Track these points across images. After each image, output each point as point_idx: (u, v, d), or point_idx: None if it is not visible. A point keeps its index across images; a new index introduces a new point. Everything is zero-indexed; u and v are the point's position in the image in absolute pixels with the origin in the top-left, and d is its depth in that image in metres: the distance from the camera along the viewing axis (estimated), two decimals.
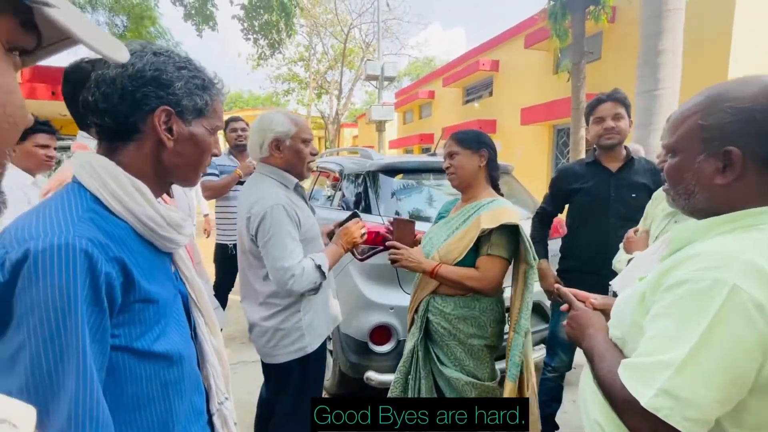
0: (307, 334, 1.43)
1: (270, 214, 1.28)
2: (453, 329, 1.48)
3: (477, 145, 1.49)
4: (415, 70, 25.77)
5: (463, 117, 12.79)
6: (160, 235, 0.67)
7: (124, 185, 0.63)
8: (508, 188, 3.01)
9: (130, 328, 0.60)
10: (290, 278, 1.27)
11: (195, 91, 0.68)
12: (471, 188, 1.52)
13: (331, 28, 19.95)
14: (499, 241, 1.40)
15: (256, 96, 31.93)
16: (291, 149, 1.39)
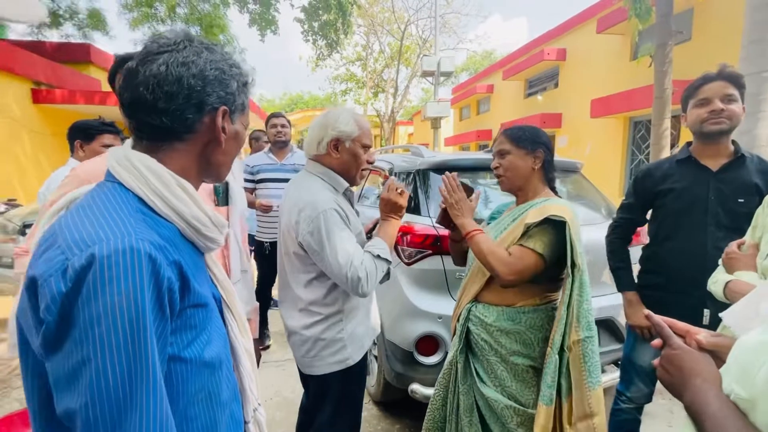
0: (349, 345, 1.34)
1: (325, 219, 1.21)
2: (494, 343, 1.32)
3: (532, 144, 1.32)
4: (473, 65, 24.99)
5: (524, 111, 12.08)
6: (205, 236, 0.65)
7: (169, 184, 0.60)
8: (576, 188, 2.70)
9: (182, 334, 0.57)
10: (359, 281, 1.20)
11: (243, 89, 0.69)
12: (523, 191, 1.37)
13: (388, 26, 20.01)
14: (537, 234, 1.23)
15: (316, 97, 32.98)
16: (349, 152, 1.32)
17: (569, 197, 2.67)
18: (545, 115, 10.59)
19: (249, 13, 9.65)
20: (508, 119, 12.30)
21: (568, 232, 1.20)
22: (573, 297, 1.22)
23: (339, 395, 1.40)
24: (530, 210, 1.28)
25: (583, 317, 1.25)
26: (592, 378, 1.27)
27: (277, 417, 2.25)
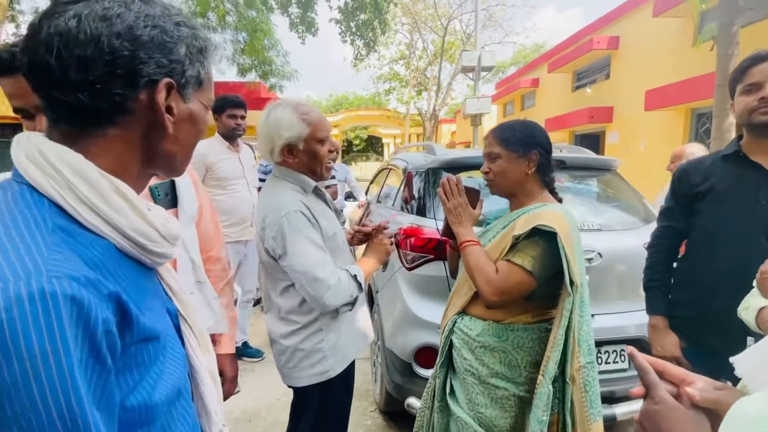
0: (329, 356, 1.27)
1: (288, 221, 1.14)
2: (475, 361, 1.19)
3: (525, 146, 1.18)
4: (522, 59, 24.00)
5: (571, 105, 11.34)
6: (152, 252, 0.51)
7: (100, 188, 0.45)
8: (609, 189, 2.43)
9: (126, 376, 0.45)
10: (326, 290, 1.13)
11: (197, 56, 0.53)
12: (516, 197, 1.24)
13: (432, 23, 19.76)
14: (526, 248, 1.10)
15: (360, 97, 33.35)
16: (305, 153, 1.23)
17: (601, 199, 2.41)
18: (594, 109, 9.85)
19: (289, 17, 9.90)
20: (553, 114, 11.64)
21: (561, 245, 1.05)
22: (573, 318, 1.08)
23: (320, 408, 1.33)
24: (520, 218, 1.15)
25: (584, 341, 1.11)
26: (593, 409, 1.11)
27: (282, 419, 2.23)
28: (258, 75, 10.45)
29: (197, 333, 0.69)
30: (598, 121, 9.85)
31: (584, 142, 10.59)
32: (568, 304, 1.07)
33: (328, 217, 1.27)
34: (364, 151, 35.37)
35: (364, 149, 34.93)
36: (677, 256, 1.48)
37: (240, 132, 2.55)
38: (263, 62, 10.28)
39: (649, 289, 1.49)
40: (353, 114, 25.36)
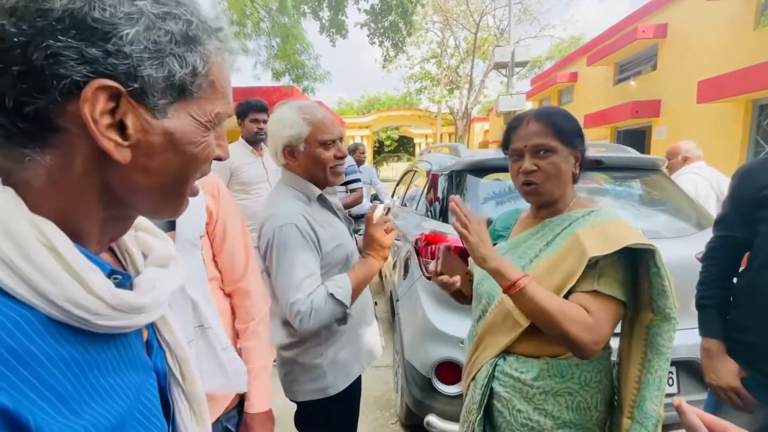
0: (329, 372, 1.19)
1: (278, 236, 1.08)
2: (534, 412, 0.93)
3: (575, 137, 0.96)
4: (560, 53, 23.05)
5: (613, 99, 10.69)
6: (100, 326, 0.37)
7: (22, 240, 0.33)
8: (656, 192, 2.21)
9: None
10: (296, 316, 1.05)
11: (169, 47, 0.35)
12: (555, 203, 1.01)
13: (464, 20, 19.39)
14: (612, 273, 0.88)
15: (392, 97, 33.34)
16: (306, 155, 1.15)
17: (644, 203, 2.20)
18: (638, 103, 9.21)
19: (320, 21, 10.02)
20: (593, 110, 11.03)
21: (660, 264, 0.86)
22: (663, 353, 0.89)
23: (322, 425, 1.27)
24: (577, 232, 0.91)
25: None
26: None
27: None
28: (291, 79, 10.67)
29: (190, 398, 0.55)
30: (644, 116, 9.21)
31: (628, 139, 9.95)
32: (671, 332, 0.88)
33: (333, 227, 1.19)
34: (395, 152, 35.30)
35: (396, 149, 34.88)
36: (737, 270, 1.29)
37: (262, 136, 2.55)
38: (296, 66, 10.48)
39: (702, 307, 1.30)
40: (384, 114, 25.38)
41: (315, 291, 1.07)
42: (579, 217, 0.95)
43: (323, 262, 1.14)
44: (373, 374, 2.76)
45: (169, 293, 0.45)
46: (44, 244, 0.33)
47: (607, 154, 2.16)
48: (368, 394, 2.53)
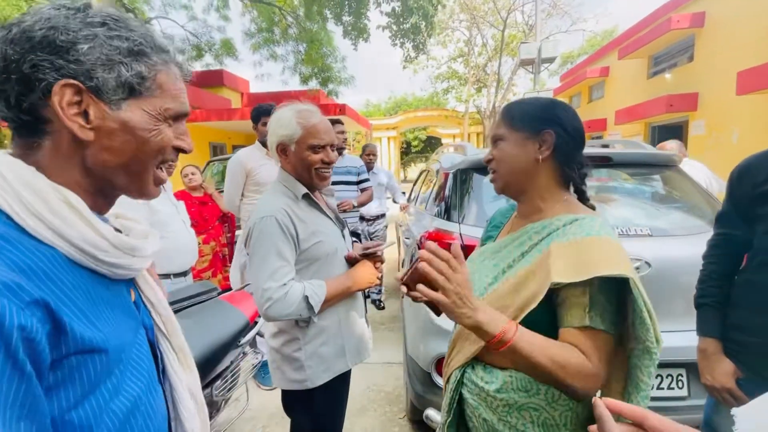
0: (307, 366, 1.24)
1: (258, 226, 1.15)
2: (499, 423, 0.88)
3: (535, 123, 0.89)
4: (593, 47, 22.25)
5: (646, 94, 10.22)
6: (105, 262, 0.52)
7: (46, 197, 0.47)
8: (670, 189, 2.14)
9: (65, 391, 0.44)
10: (266, 301, 1.11)
11: (117, 57, 0.50)
12: (526, 195, 0.93)
13: (491, 17, 19.10)
14: (601, 301, 0.78)
15: (419, 98, 33.26)
16: (295, 155, 1.23)
17: (656, 200, 2.14)
18: (674, 96, 8.76)
19: (342, 25, 10.19)
20: (625, 105, 10.59)
21: (638, 294, 0.75)
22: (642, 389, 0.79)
23: (302, 416, 1.33)
24: (552, 246, 0.82)
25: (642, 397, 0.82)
26: None
27: None
28: (318, 82, 10.90)
29: (177, 348, 0.68)
30: (679, 110, 8.75)
31: (662, 134, 9.47)
32: (651, 367, 0.78)
33: (316, 224, 1.24)
34: (422, 152, 35.18)
35: (423, 150, 34.73)
36: (737, 269, 1.25)
37: None
38: (322, 70, 10.70)
39: (700, 306, 1.28)
40: (411, 115, 25.35)
41: (292, 285, 1.13)
42: (560, 227, 0.85)
43: (302, 257, 1.20)
44: (385, 370, 2.82)
45: (151, 252, 0.60)
46: (62, 200, 0.49)
47: (616, 150, 2.12)
48: (378, 389, 2.59)
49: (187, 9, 11.19)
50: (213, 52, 11.52)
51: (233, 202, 2.66)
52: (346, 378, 1.36)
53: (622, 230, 1.78)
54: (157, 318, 0.66)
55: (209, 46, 11.46)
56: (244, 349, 1.82)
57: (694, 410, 1.61)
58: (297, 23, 10.73)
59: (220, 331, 1.61)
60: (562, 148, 0.89)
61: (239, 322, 1.72)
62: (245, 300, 1.90)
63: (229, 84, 13.37)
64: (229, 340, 1.63)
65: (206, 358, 1.48)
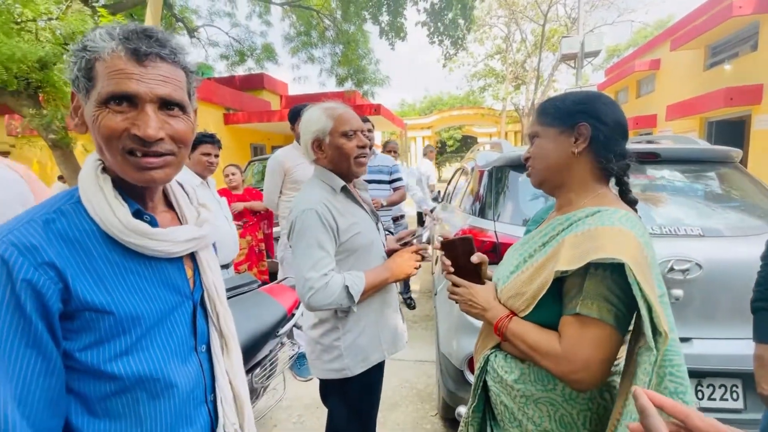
0: (345, 355, 1.28)
1: (299, 219, 1.21)
2: (518, 412, 0.90)
3: (568, 118, 0.88)
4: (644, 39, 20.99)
5: (703, 86, 9.51)
6: (127, 242, 0.62)
7: (90, 181, 0.62)
8: (727, 187, 2.00)
9: (80, 335, 0.58)
10: (308, 291, 1.16)
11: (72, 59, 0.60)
12: (562, 189, 0.92)
13: (532, 12, 18.52)
14: (599, 290, 0.77)
15: (455, 96, 32.84)
16: (331, 146, 1.27)
17: (710, 199, 2.00)
18: (734, 89, 8.09)
19: (379, 25, 10.26)
20: (678, 99, 9.91)
21: (634, 280, 0.71)
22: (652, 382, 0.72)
23: (338, 404, 1.37)
24: (567, 238, 0.82)
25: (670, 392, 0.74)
26: None
27: None
28: (353, 83, 11.06)
29: (222, 333, 0.76)
30: (741, 104, 8.08)
31: (721, 130, 8.80)
32: (650, 364, 0.71)
33: (354, 216, 1.28)
34: (458, 152, 34.71)
35: (458, 149, 34.26)
36: None
37: None
38: (357, 71, 10.83)
39: (757, 311, 1.20)
40: (446, 114, 25.11)
41: (333, 276, 1.18)
42: (582, 218, 0.84)
43: (341, 248, 1.25)
44: (416, 368, 2.83)
45: (185, 237, 0.69)
46: (99, 183, 0.62)
47: (665, 146, 2.01)
48: (411, 386, 2.60)
49: (231, 16, 11.71)
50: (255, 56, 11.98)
51: (272, 200, 2.77)
52: (382, 368, 1.40)
53: (670, 230, 1.69)
54: (207, 301, 0.74)
55: (251, 50, 11.94)
56: (281, 339, 1.90)
57: (750, 425, 1.50)
58: (334, 25, 10.93)
59: (261, 321, 1.69)
60: (599, 140, 0.87)
61: (278, 313, 1.80)
62: (284, 292, 1.98)
63: (269, 87, 13.86)
64: (269, 330, 1.71)
65: (247, 346, 1.56)
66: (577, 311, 0.77)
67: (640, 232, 0.78)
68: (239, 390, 0.78)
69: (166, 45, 0.61)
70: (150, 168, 0.61)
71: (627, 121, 0.91)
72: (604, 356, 0.76)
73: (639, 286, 0.71)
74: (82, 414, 0.60)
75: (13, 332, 0.52)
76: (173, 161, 0.64)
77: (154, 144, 0.60)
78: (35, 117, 6.39)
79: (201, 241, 0.73)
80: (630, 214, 0.81)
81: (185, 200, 0.77)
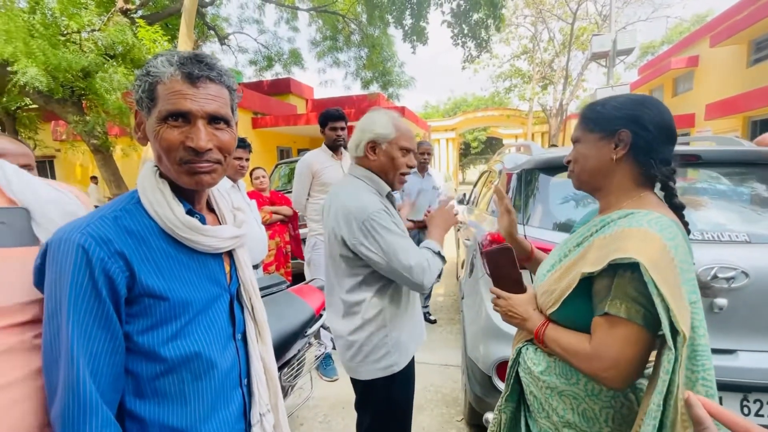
0: (394, 351, 1.33)
1: (378, 222, 1.23)
2: (545, 402, 0.95)
3: (610, 124, 0.88)
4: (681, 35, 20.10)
5: (746, 84, 9.00)
6: (181, 236, 0.70)
7: (150, 184, 0.71)
8: None
9: (138, 320, 0.66)
10: (422, 273, 1.23)
11: (136, 84, 0.70)
12: (603, 193, 0.94)
13: (560, 10, 18.09)
14: (626, 291, 0.78)
15: (480, 98, 32.46)
16: (386, 154, 1.33)
17: (756, 203, 1.89)
18: None
19: (403, 29, 10.29)
20: (718, 97, 9.43)
21: (649, 278, 0.73)
22: (675, 382, 0.73)
23: (382, 402, 1.39)
24: (596, 239, 0.85)
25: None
26: None
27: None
28: (378, 86, 11.13)
29: (257, 320, 0.85)
30: None
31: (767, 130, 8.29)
32: (668, 362, 0.73)
33: (397, 221, 1.33)
34: (482, 154, 34.24)
35: (482, 151, 33.80)
36: None
37: (341, 142, 2.77)
38: (382, 74, 10.90)
39: None
40: (470, 116, 24.82)
41: (422, 254, 1.27)
42: (614, 219, 0.86)
43: None
44: (442, 372, 2.80)
45: (229, 235, 0.78)
46: (158, 186, 0.71)
47: (706, 147, 1.92)
48: (436, 390, 2.58)
49: (259, 23, 12.03)
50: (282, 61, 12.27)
51: (300, 202, 2.82)
52: (413, 360, 1.45)
53: (713, 236, 1.61)
54: (243, 293, 0.83)
55: (279, 56, 12.23)
56: (309, 339, 1.93)
57: None
58: (360, 29, 11.04)
59: (290, 320, 1.72)
60: (640, 147, 0.87)
61: (306, 313, 1.83)
62: (311, 293, 2.01)
63: (295, 91, 14.15)
64: (298, 329, 1.74)
65: (277, 345, 1.60)
66: (606, 311, 0.80)
67: (669, 234, 0.77)
68: (272, 373, 0.87)
69: (214, 68, 0.70)
70: (200, 172, 0.70)
71: (674, 125, 0.89)
72: (633, 355, 0.78)
73: (655, 285, 0.72)
74: (134, 396, 0.67)
75: (91, 313, 0.61)
76: (219, 168, 0.73)
77: (205, 154, 0.69)
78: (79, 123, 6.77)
79: (240, 239, 0.82)
80: (663, 217, 0.81)
81: (225, 203, 0.86)
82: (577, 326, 0.88)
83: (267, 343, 0.87)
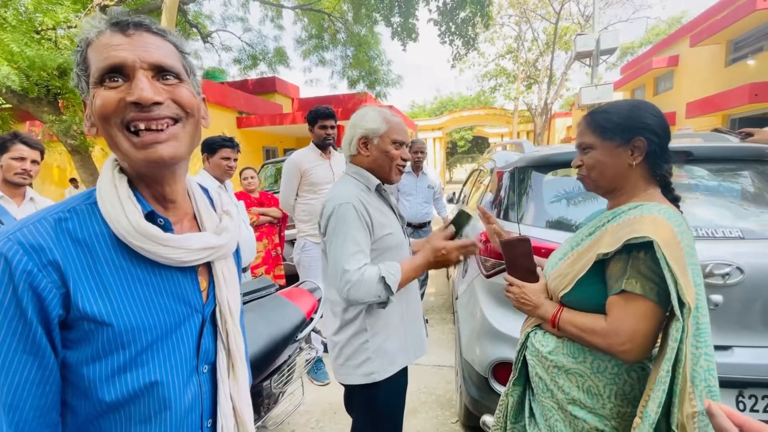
0: (374, 358, 1.26)
1: (336, 212, 1.19)
2: (551, 382, 1.03)
3: (626, 132, 0.95)
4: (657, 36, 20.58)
5: (725, 83, 9.25)
6: (136, 246, 0.57)
7: (105, 179, 0.58)
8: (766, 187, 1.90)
9: (79, 347, 0.53)
10: (345, 284, 1.14)
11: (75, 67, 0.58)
12: (616, 193, 1.01)
13: (543, 10, 18.31)
14: (640, 270, 0.87)
15: (466, 97, 32.66)
16: (378, 149, 1.29)
17: (748, 199, 1.90)
18: (758, 85, 7.84)
19: (391, 26, 10.24)
20: (698, 96, 9.67)
21: (661, 255, 0.82)
22: (684, 349, 0.82)
23: (365, 408, 1.34)
24: (608, 227, 0.94)
25: (701, 379, 0.82)
26: None
27: None
28: (365, 85, 11.05)
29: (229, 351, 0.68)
30: (765, 100, 7.84)
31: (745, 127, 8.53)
32: (677, 331, 0.82)
33: (386, 216, 1.28)
34: (468, 153, 34.46)
35: (469, 150, 34.01)
36: None
37: (330, 141, 2.70)
38: (369, 73, 10.83)
39: None
40: (457, 115, 24.94)
41: (367, 267, 1.15)
42: (625, 210, 0.94)
43: (375, 245, 1.23)
44: (435, 373, 2.77)
45: (199, 246, 0.63)
46: (113, 181, 0.58)
47: (696, 144, 1.92)
48: (430, 392, 2.55)
49: (244, 21, 11.81)
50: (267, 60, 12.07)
51: (288, 202, 2.75)
52: (406, 373, 1.37)
53: (707, 232, 1.61)
54: (219, 317, 0.67)
55: (263, 54, 12.03)
56: (300, 344, 1.87)
57: None
58: (345, 28, 10.95)
59: (280, 325, 1.65)
60: (653, 151, 0.95)
61: (297, 317, 1.76)
62: (302, 296, 1.95)
63: (281, 90, 13.96)
64: (288, 334, 1.67)
65: (267, 351, 1.53)
66: (623, 288, 0.87)
67: (677, 223, 0.86)
68: (243, 416, 0.71)
69: (153, 23, 0.58)
70: (155, 142, 0.56)
71: None
72: (648, 329, 0.86)
73: (666, 261, 0.81)
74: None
75: (11, 335, 0.49)
76: (179, 132, 0.58)
77: (155, 108, 0.55)
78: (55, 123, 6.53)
79: (218, 250, 0.66)
80: (671, 209, 0.89)
81: (205, 206, 0.71)
82: (587, 307, 0.96)
83: (240, 379, 0.70)
